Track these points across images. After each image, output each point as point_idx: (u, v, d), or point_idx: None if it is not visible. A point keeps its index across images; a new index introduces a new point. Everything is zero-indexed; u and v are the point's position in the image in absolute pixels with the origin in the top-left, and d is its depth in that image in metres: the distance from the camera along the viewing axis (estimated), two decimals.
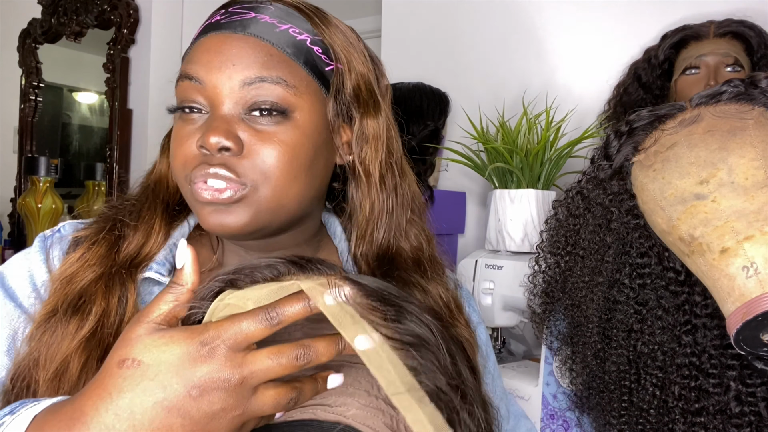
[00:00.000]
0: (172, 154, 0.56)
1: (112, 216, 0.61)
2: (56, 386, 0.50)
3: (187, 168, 0.55)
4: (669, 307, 0.63)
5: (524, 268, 0.99)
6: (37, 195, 2.26)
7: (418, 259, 0.64)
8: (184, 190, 0.57)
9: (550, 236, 0.79)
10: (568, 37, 1.54)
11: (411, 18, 1.84)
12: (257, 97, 0.53)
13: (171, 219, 0.62)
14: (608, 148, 0.69)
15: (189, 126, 0.55)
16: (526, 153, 1.20)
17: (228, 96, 0.53)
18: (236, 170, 0.53)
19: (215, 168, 0.53)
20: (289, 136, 0.54)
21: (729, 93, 0.62)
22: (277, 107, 0.54)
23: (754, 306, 0.51)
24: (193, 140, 0.54)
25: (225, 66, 0.53)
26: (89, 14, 2.24)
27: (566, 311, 0.76)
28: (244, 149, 0.53)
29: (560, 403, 0.88)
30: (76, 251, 0.57)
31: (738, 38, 1.18)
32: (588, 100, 1.47)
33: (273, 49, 0.55)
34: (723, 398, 0.61)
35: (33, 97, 2.48)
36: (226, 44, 0.54)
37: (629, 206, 0.66)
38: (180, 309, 0.40)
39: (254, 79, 0.53)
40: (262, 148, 0.53)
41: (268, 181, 0.54)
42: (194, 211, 0.57)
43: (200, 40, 0.57)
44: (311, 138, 0.56)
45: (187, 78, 0.55)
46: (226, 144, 0.52)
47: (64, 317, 0.53)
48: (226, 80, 0.53)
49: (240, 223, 0.54)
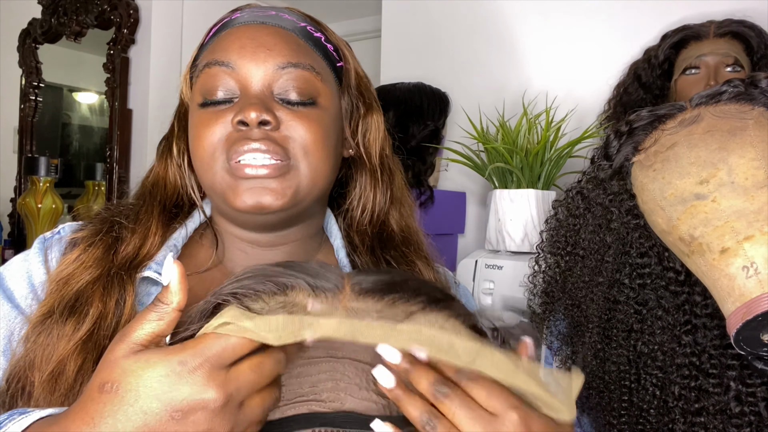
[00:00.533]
0: (198, 138, 0.56)
1: (108, 218, 0.61)
2: (52, 388, 0.50)
3: (223, 146, 0.54)
4: (669, 307, 0.63)
5: (524, 268, 0.99)
6: (37, 195, 2.26)
7: (407, 239, 0.66)
8: (212, 172, 0.55)
9: (550, 236, 0.79)
10: (568, 37, 1.54)
11: (411, 18, 1.84)
12: (290, 80, 0.56)
13: (168, 221, 0.62)
14: (608, 148, 0.69)
15: (216, 111, 0.56)
16: (526, 153, 1.20)
17: (262, 79, 0.55)
18: (277, 142, 0.54)
19: (258, 143, 0.53)
20: (319, 116, 0.57)
21: (729, 93, 0.62)
22: (307, 91, 0.56)
23: (754, 306, 0.51)
24: (225, 120, 0.55)
25: (260, 50, 0.55)
26: (89, 14, 2.24)
27: (566, 311, 0.76)
28: (281, 125, 0.54)
29: None
30: (72, 252, 0.57)
31: (738, 38, 1.18)
32: (588, 100, 1.47)
33: (300, 40, 0.58)
34: (723, 398, 0.61)
35: (33, 97, 2.48)
36: (259, 32, 0.57)
37: (629, 206, 0.66)
38: (164, 329, 0.39)
39: (287, 64, 0.56)
40: (298, 124, 0.55)
41: (307, 157, 0.55)
42: (225, 195, 0.55)
43: (226, 32, 0.58)
44: (335, 121, 0.59)
45: (218, 64, 0.56)
46: (265, 117, 0.53)
47: (60, 319, 0.53)
48: (261, 63, 0.55)
49: (278, 203, 0.54)
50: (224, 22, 0.60)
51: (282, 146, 0.54)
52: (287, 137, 0.54)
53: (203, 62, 0.58)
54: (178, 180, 0.64)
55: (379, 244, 0.64)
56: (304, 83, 0.56)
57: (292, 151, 0.55)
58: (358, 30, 3.00)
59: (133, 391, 0.36)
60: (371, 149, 0.65)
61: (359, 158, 0.65)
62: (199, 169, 0.58)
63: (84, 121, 2.67)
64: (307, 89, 0.56)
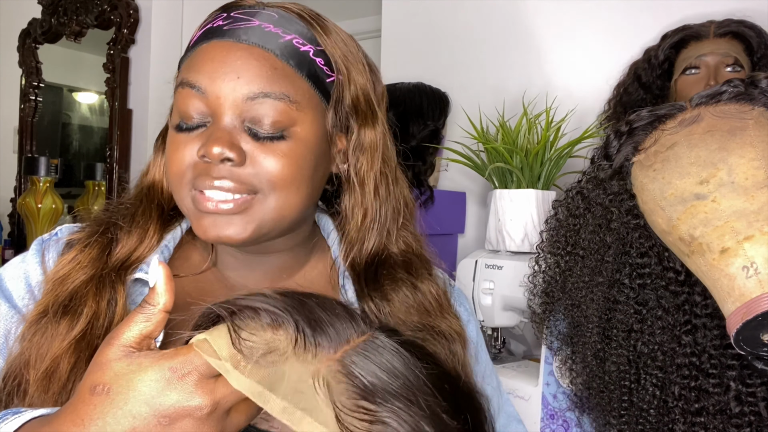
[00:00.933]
0: (169, 160, 0.56)
1: (105, 219, 0.60)
2: (46, 386, 0.50)
3: (187, 176, 0.54)
4: (669, 307, 0.63)
5: (524, 268, 0.99)
6: (37, 195, 2.26)
7: (408, 260, 0.64)
8: (180, 196, 0.56)
9: (550, 236, 0.79)
10: (568, 37, 1.54)
11: (411, 18, 1.84)
12: (260, 112, 0.53)
13: (165, 223, 0.62)
14: (608, 148, 0.69)
15: (188, 136, 0.55)
16: (526, 153, 1.19)
17: (231, 108, 0.53)
18: (241, 179, 0.52)
19: (220, 180, 0.52)
20: (290, 148, 0.54)
21: (729, 93, 0.62)
22: (279, 124, 0.53)
23: (754, 306, 0.51)
24: (192, 148, 0.54)
25: (229, 77, 0.53)
26: (89, 14, 2.24)
27: (566, 311, 0.76)
28: (246, 160, 0.53)
29: (560, 403, 0.88)
30: (69, 253, 0.57)
31: (738, 38, 1.18)
32: (588, 100, 1.47)
33: (278, 62, 0.54)
34: (723, 398, 0.61)
35: (33, 97, 2.48)
36: (231, 54, 0.53)
37: (629, 206, 0.66)
38: (152, 330, 0.39)
39: (258, 94, 0.53)
40: (265, 158, 0.53)
41: (275, 191, 0.53)
42: (190, 219, 0.56)
43: (202, 47, 0.55)
44: (312, 150, 0.56)
45: (189, 86, 0.54)
46: (228, 155, 0.51)
47: (55, 318, 0.53)
48: (230, 92, 0.53)
49: (240, 236, 0.53)
50: (205, 30, 0.57)
51: (246, 183, 0.52)
52: (252, 173, 0.53)
53: (180, 78, 0.56)
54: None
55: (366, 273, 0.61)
56: (276, 114, 0.53)
57: (258, 185, 0.53)
58: (358, 30, 3.00)
59: (123, 395, 0.36)
60: (362, 168, 0.61)
61: (348, 175, 0.61)
62: (171, 188, 0.58)
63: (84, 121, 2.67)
64: (279, 121, 0.53)
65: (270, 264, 0.62)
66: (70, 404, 0.38)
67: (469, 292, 1.15)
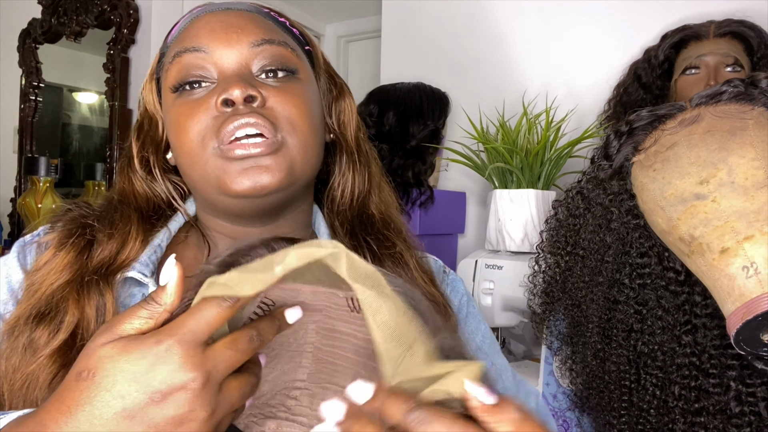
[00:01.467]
0: (184, 129, 0.53)
1: (79, 218, 0.58)
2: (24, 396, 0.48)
3: (212, 131, 0.52)
4: (669, 307, 0.63)
5: (524, 268, 0.99)
6: (37, 195, 2.26)
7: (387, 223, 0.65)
8: (202, 161, 0.53)
9: (550, 236, 0.79)
10: (568, 37, 1.54)
11: (411, 18, 1.84)
12: (265, 57, 0.55)
13: (148, 226, 0.59)
14: (608, 148, 0.69)
15: (194, 99, 0.54)
16: (526, 153, 1.19)
17: (237, 59, 0.54)
18: (265, 116, 0.52)
19: (246, 117, 0.51)
20: (301, 90, 0.56)
21: (729, 93, 0.62)
22: (285, 66, 0.55)
23: (754, 306, 0.51)
24: (208, 106, 0.52)
25: (231, 31, 0.54)
26: (89, 14, 2.24)
27: (566, 311, 0.76)
28: (267, 102, 0.53)
29: (560, 403, 0.88)
30: (42, 256, 0.55)
31: (738, 38, 1.18)
32: (588, 100, 1.47)
33: (267, 21, 0.58)
34: (723, 398, 0.61)
35: (33, 97, 2.48)
36: (227, 16, 0.56)
37: (629, 206, 0.66)
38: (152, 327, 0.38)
39: (261, 41, 0.55)
40: (282, 99, 0.54)
41: (296, 131, 0.54)
42: (218, 180, 0.52)
43: (193, 21, 0.57)
44: (317, 98, 0.59)
45: (188, 51, 0.54)
46: (251, 93, 0.51)
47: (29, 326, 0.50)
48: (234, 44, 0.54)
49: (275, 180, 0.52)
50: (185, 17, 0.58)
51: (271, 121, 0.52)
52: (273, 113, 0.53)
53: (172, 54, 0.56)
54: (148, 191, 0.61)
55: (359, 226, 0.62)
56: (281, 58, 0.55)
57: (281, 124, 0.53)
58: (358, 30, 3.00)
59: (110, 377, 0.35)
60: (347, 132, 0.64)
61: (337, 141, 0.64)
62: (188, 165, 0.55)
63: (84, 121, 2.66)
64: (286, 62, 0.55)
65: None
66: (56, 393, 0.37)
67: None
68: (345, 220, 0.63)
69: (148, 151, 0.62)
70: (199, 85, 0.54)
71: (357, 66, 3.06)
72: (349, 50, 3.09)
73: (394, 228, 0.64)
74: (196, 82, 0.54)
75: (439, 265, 0.70)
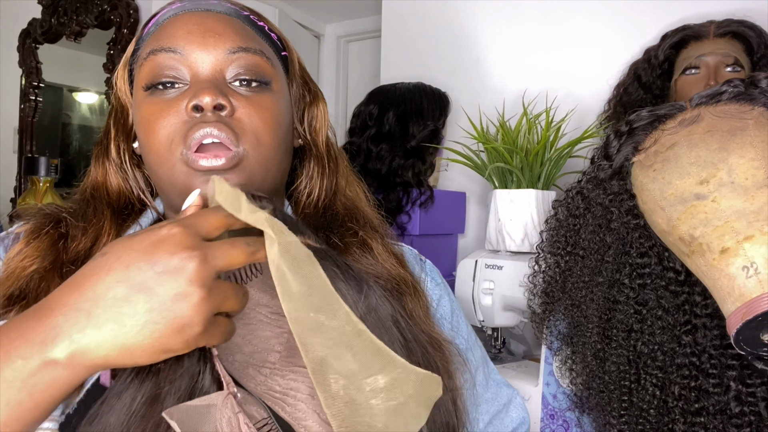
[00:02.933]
0: (154, 129, 0.53)
1: (53, 213, 0.58)
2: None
3: (179, 136, 0.52)
4: (669, 307, 0.63)
5: (524, 268, 0.99)
6: (37, 195, 2.26)
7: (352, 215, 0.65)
8: (169, 164, 0.54)
9: (550, 236, 0.79)
10: (568, 37, 1.54)
11: (411, 18, 1.84)
12: (240, 65, 0.55)
13: (120, 221, 0.60)
14: (608, 148, 0.69)
15: (165, 99, 0.54)
16: (526, 153, 1.19)
17: (212, 64, 0.54)
18: (231, 127, 0.52)
19: (212, 127, 0.51)
20: (271, 102, 0.56)
21: (729, 93, 0.62)
22: (259, 76, 0.55)
23: (754, 306, 0.51)
24: (178, 109, 0.53)
25: (209, 35, 0.54)
26: (89, 14, 2.24)
27: (566, 311, 0.76)
28: (235, 112, 0.53)
29: (560, 403, 0.88)
30: (14, 247, 0.55)
31: (738, 38, 1.18)
32: (588, 100, 1.47)
33: (246, 27, 0.57)
34: (723, 398, 0.61)
35: (33, 97, 2.48)
36: (206, 18, 0.55)
37: (629, 206, 0.66)
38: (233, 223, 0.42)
39: (237, 49, 0.55)
40: (250, 111, 0.54)
41: (260, 144, 0.54)
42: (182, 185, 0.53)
43: (171, 19, 0.56)
44: (287, 110, 0.59)
45: (164, 50, 0.54)
46: (220, 101, 0.51)
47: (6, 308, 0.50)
48: (211, 48, 0.54)
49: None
50: (164, 11, 0.58)
51: (236, 132, 0.52)
52: (240, 123, 0.53)
53: (147, 50, 0.55)
54: (120, 183, 0.62)
55: (323, 224, 0.62)
56: (255, 68, 0.55)
57: (246, 136, 0.53)
58: (358, 30, 3.00)
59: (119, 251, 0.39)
60: (318, 138, 0.65)
61: (306, 146, 0.65)
62: (155, 164, 0.55)
63: (84, 121, 2.66)
64: (261, 72, 0.55)
65: None
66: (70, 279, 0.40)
67: (469, 292, 1.14)
68: (309, 220, 0.63)
69: (119, 139, 0.62)
70: (172, 85, 0.54)
71: (357, 66, 3.06)
72: (349, 50, 3.09)
73: (360, 218, 0.64)
74: (168, 83, 0.54)
75: (414, 253, 0.71)
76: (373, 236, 0.62)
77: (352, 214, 0.64)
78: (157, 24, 0.58)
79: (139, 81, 0.56)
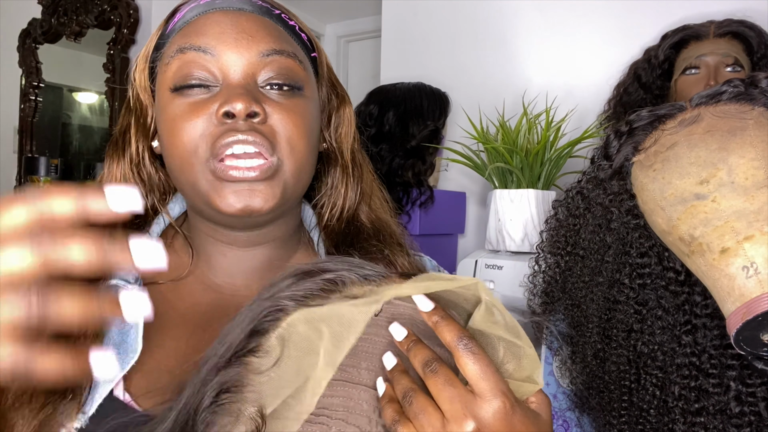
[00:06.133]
0: (180, 131, 0.51)
1: None
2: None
3: (201, 146, 0.50)
4: (669, 307, 0.63)
5: (524, 268, 0.99)
6: None
7: (378, 230, 0.63)
8: (193, 171, 0.51)
9: (550, 236, 0.79)
10: (568, 37, 1.54)
11: (411, 18, 1.84)
12: (273, 69, 0.52)
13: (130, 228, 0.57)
14: (608, 148, 0.69)
15: (195, 101, 0.51)
16: (526, 153, 1.19)
17: (244, 68, 0.52)
18: (264, 135, 0.50)
19: (245, 134, 0.49)
20: (304, 108, 0.54)
21: (729, 93, 0.62)
22: (292, 81, 0.53)
23: (754, 306, 0.51)
24: (208, 112, 0.50)
25: (242, 37, 0.52)
26: (89, 14, 2.24)
27: (566, 311, 0.76)
28: (268, 119, 0.51)
29: (560, 403, 0.88)
30: None
31: (738, 38, 1.18)
32: (588, 100, 1.47)
33: (279, 28, 0.55)
34: (723, 398, 0.61)
35: (33, 97, 2.48)
36: (239, 18, 0.53)
37: (629, 206, 0.66)
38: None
39: (270, 52, 0.52)
40: (283, 117, 0.52)
41: (293, 152, 0.52)
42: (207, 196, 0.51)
43: (200, 16, 0.54)
44: (317, 115, 0.57)
45: (194, 49, 0.51)
46: (254, 108, 0.49)
47: None
48: (244, 51, 0.52)
49: (267, 206, 0.50)
50: (191, 6, 0.55)
51: (269, 140, 0.50)
52: (274, 131, 0.51)
53: (175, 47, 0.53)
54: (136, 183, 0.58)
55: (345, 239, 0.60)
56: (288, 71, 0.53)
57: (278, 145, 0.51)
58: (358, 30, 3.00)
59: None
60: (343, 144, 0.62)
61: (332, 153, 0.62)
62: (177, 167, 0.52)
63: (84, 121, 2.66)
64: (293, 77, 0.53)
65: (259, 258, 0.59)
66: None
67: None
68: (331, 232, 0.61)
69: (138, 136, 0.59)
70: (200, 86, 0.52)
71: (357, 66, 3.06)
72: (349, 50, 3.09)
73: (385, 233, 0.62)
74: (198, 84, 0.52)
75: (433, 264, 0.70)
76: (399, 253, 0.60)
77: (377, 228, 0.62)
78: (185, 20, 0.55)
79: (165, 79, 0.53)
